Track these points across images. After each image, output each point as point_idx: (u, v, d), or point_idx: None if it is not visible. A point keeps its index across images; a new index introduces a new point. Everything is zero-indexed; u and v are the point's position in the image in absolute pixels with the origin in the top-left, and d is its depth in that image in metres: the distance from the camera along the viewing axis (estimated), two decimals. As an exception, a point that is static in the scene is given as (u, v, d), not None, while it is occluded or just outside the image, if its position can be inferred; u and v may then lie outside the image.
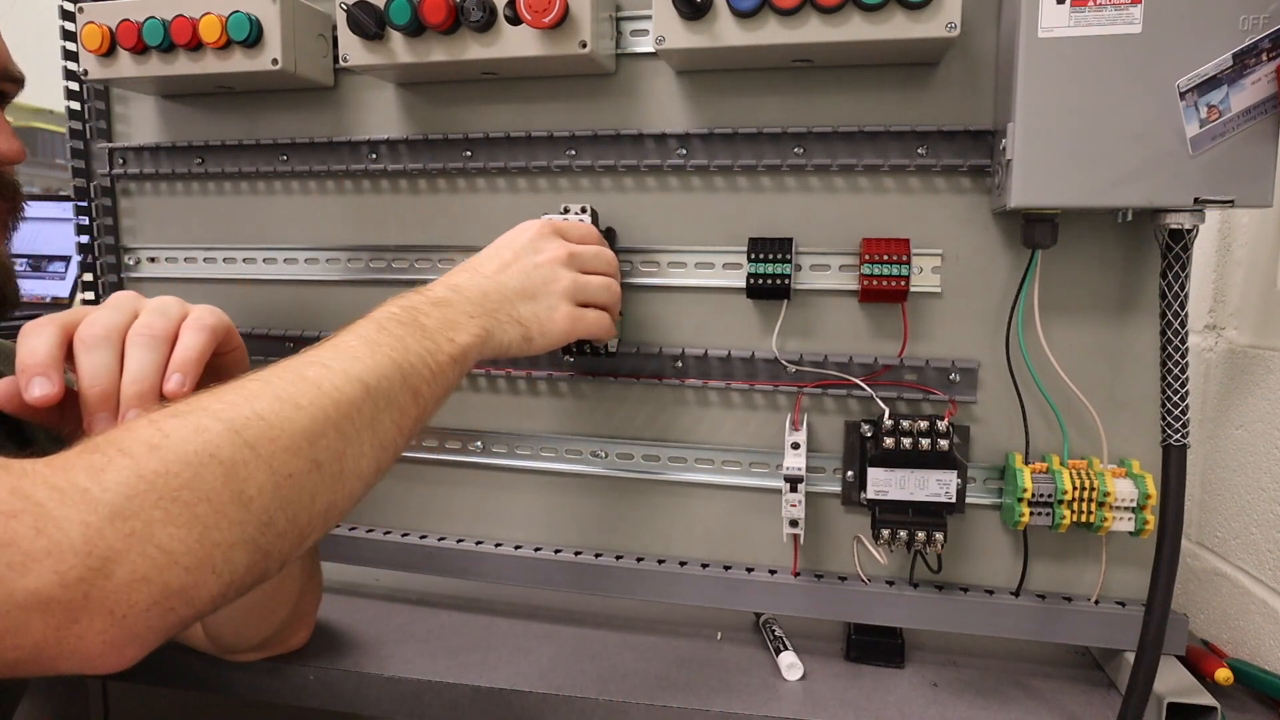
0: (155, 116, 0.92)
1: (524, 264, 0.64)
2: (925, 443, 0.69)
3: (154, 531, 0.38)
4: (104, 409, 0.51)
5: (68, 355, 0.52)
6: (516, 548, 0.86)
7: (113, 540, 0.37)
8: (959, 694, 0.72)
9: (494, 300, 0.61)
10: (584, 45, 0.71)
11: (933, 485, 0.71)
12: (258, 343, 0.91)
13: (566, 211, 0.75)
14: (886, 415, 0.71)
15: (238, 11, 0.76)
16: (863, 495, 0.72)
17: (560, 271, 0.65)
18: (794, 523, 0.73)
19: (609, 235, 0.78)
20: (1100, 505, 0.68)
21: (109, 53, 0.81)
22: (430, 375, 0.53)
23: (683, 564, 0.82)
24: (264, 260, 0.91)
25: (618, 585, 0.83)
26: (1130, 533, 0.69)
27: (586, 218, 0.74)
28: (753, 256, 0.74)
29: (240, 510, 0.41)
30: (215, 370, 0.58)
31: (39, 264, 1.78)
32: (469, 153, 0.83)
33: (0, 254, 0.58)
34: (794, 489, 0.72)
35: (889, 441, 0.70)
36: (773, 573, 0.80)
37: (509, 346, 0.61)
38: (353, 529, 0.90)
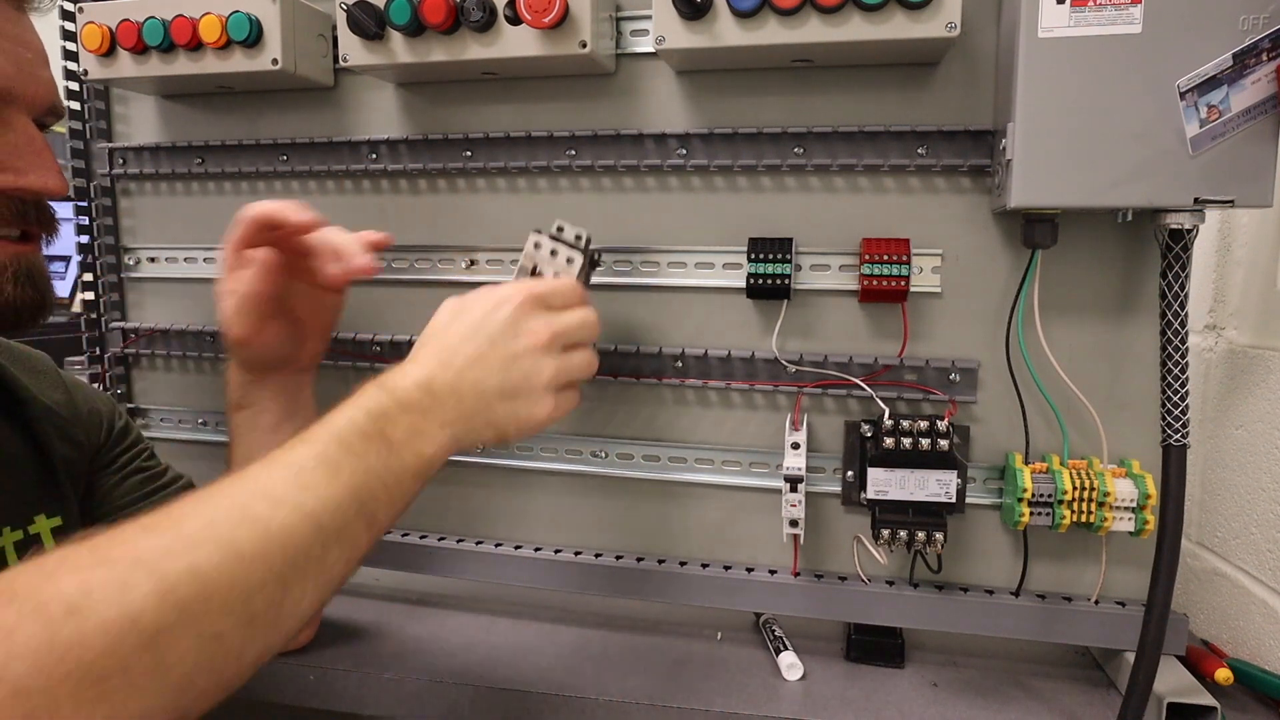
0: (155, 116, 0.92)
1: (502, 355, 0.56)
2: (925, 443, 0.69)
3: (60, 707, 0.34)
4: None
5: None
6: (516, 548, 0.86)
7: (13, 716, 0.34)
8: (959, 694, 0.72)
9: (469, 404, 0.55)
10: (584, 45, 0.71)
11: (933, 485, 0.71)
12: (258, 343, 0.91)
13: (561, 232, 0.66)
14: (886, 415, 0.71)
15: (238, 11, 0.76)
16: (863, 495, 0.72)
17: (543, 362, 0.57)
18: (794, 523, 0.73)
19: (594, 262, 0.70)
20: (1100, 505, 0.68)
21: (109, 53, 0.81)
22: (389, 498, 0.49)
23: (683, 564, 0.82)
24: (264, 260, 0.91)
25: (617, 585, 0.83)
26: (1130, 533, 0.69)
27: (581, 246, 0.66)
28: (753, 256, 0.74)
29: (158, 680, 0.37)
30: None
31: (39, 264, 1.78)
32: (469, 153, 0.83)
33: (40, 265, 0.59)
34: (794, 489, 0.72)
35: (889, 441, 0.70)
36: (773, 573, 0.80)
37: (479, 444, 0.56)
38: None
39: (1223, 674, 0.69)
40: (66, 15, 0.89)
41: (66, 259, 1.75)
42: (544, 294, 0.59)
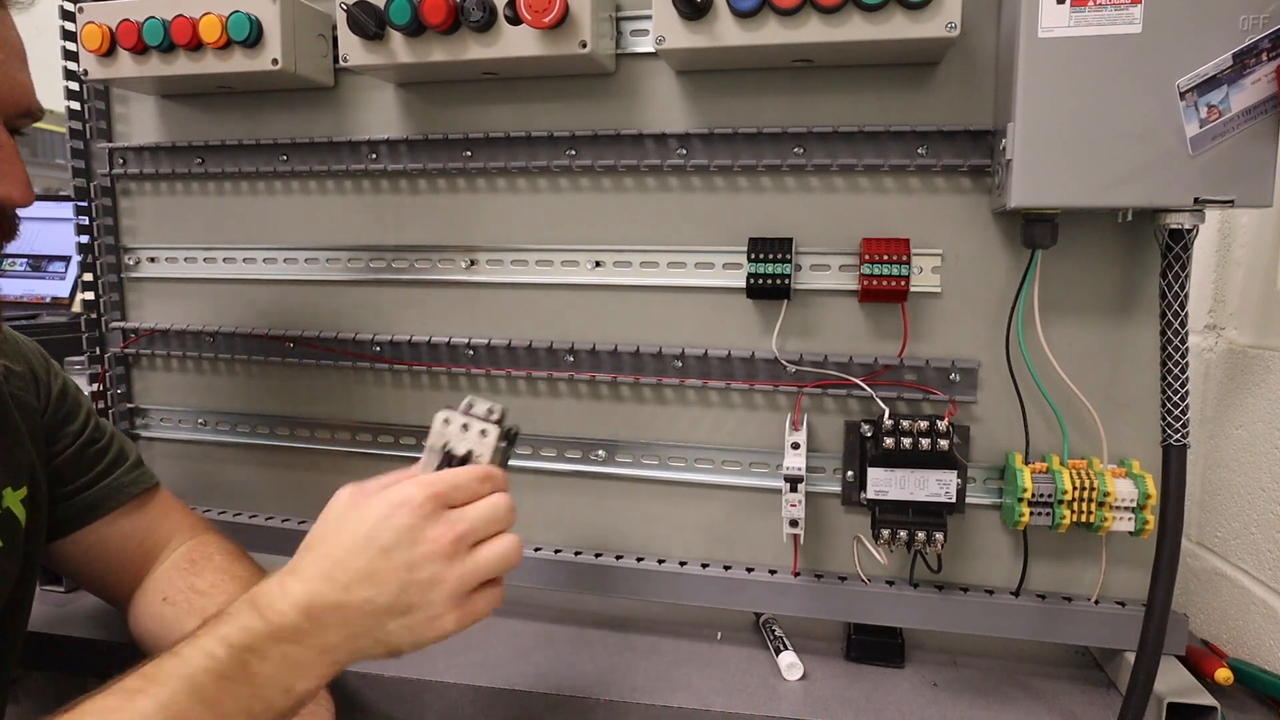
0: (155, 116, 0.92)
1: (397, 567, 0.49)
2: (925, 443, 0.69)
3: None
4: None
5: None
6: (516, 548, 0.86)
7: None
8: (959, 694, 0.72)
9: (356, 625, 0.48)
10: (584, 45, 0.71)
11: (933, 485, 0.71)
12: (258, 343, 0.91)
13: (471, 408, 0.57)
14: (886, 415, 0.71)
15: (238, 11, 0.76)
16: (863, 495, 0.72)
17: (446, 571, 0.50)
18: (794, 523, 0.73)
19: (510, 439, 0.59)
20: (1100, 505, 0.68)
21: (109, 53, 0.81)
22: None
23: (683, 564, 0.82)
24: (264, 260, 0.91)
25: (618, 585, 0.83)
26: (1130, 533, 0.69)
27: (493, 431, 0.57)
28: (753, 256, 0.74)
29: None
30: None
31: (39, 264, 1.78)
32: (469, 153, 0.83)
33: None
34: (794, 489, 0.72)
35: (889, 441, 0.70)
36: (773, 573, 0.80)
37: (365, 660, 0.50)
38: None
39: (1223, 674, 0.69)
40: (66, 15, 0.89)
41: (66, 259, 1.75)
42: (445, 491, 0.52)
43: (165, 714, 0.41)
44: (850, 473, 0.77)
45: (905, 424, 0.70)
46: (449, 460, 0.56)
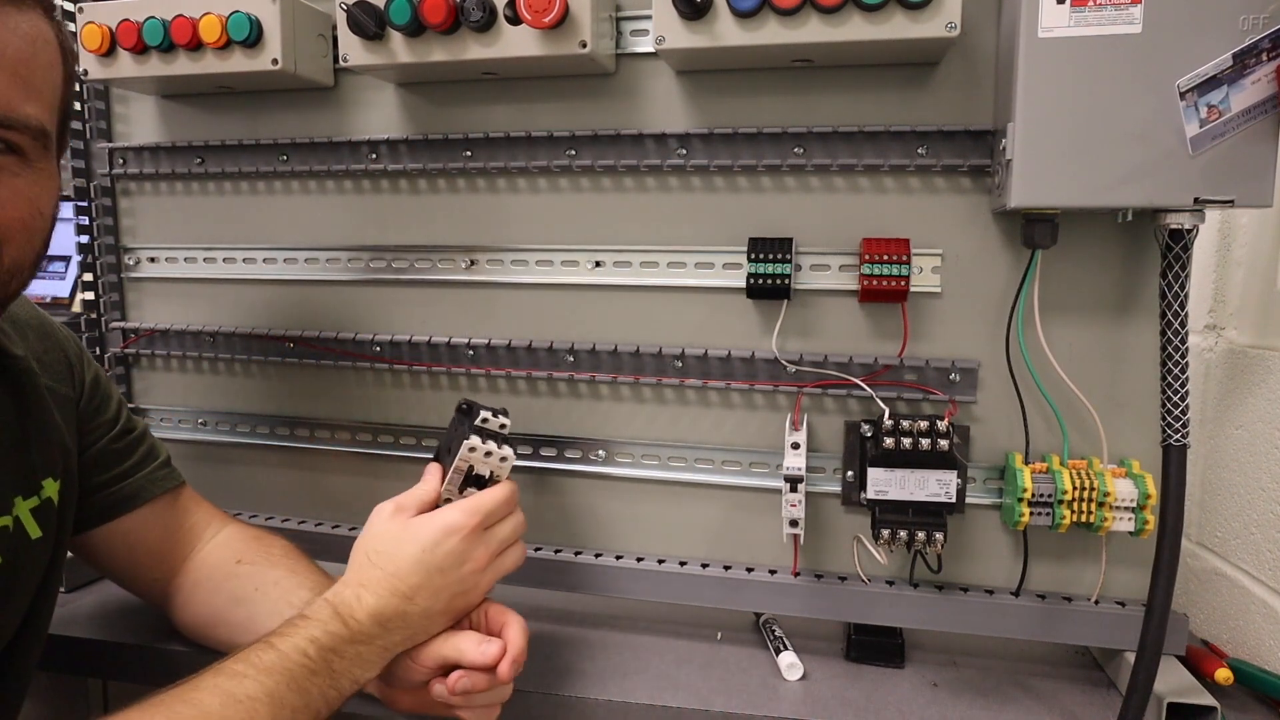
0: (155, 116, 0.92)
1: (449, 584, 0.61)
2: (925, 443, 0.69)
3: None
4: None
5: None
6: (516, 548, 0.86)
7: None
8: (959, 694, 0.72)
9: (415, 627, 0.61)
10: (584, 45, 0.71)
11: (933, 485, 0.71)
12: (258, 343, 0.91)
13: (485, 423, 0.67)
14: (886, 415, 0.71)
15: (238, 11, 0.76)
16: (863, 495, 0.72)
17: (481, 579, 0.63)
18: (794, 523, 0.73)
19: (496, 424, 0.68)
20: (1100, 505, 0.68)
21: (109, 53, 0.81)
22: (325, 713, 0.55)
23: (683, 564, 0.82)
24: (264, 260, 0.91)
25: (618, 585, 0.83)
26: (1130, 533, 0.69)
27: (510, 454, 0.67)
28: (753, 256, 0.74)
29: None
30: None
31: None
32: (469, 153, 0.83)
33: None
34: (794, 489, 0.72)
35: (889, 441, 0.70)
36: (773, 573, 0.80)
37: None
38: (353, 529, 0.90)
39: (1223, 674, 0.69)
40: (67, 15, 0.89)
41: (66, 259, 1.75)
42: (487, 516, 0.63)
43: (269, 698, 0.51)
44: (850, 473, 0.77)
45: (905, 424, 0.70)
46: (473, 480, 0.66)
